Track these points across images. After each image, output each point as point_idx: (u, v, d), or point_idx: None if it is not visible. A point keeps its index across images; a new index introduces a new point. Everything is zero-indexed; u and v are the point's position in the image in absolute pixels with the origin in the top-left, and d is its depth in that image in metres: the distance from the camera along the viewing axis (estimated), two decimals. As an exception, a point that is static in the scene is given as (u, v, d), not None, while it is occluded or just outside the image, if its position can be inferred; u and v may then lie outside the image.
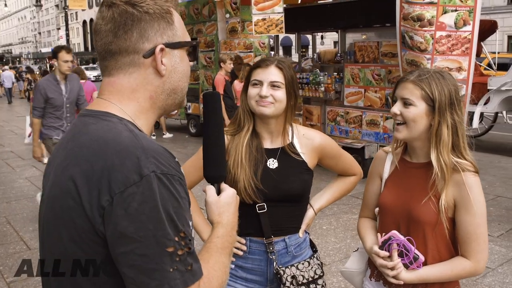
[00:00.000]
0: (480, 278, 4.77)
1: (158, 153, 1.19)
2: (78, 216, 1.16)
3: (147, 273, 1.11)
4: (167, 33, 1.33)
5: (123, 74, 1.32)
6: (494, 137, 12.52)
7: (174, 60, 1.35)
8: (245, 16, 11.05)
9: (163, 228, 1.12)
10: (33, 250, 5.71)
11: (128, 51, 1.30)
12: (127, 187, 1.12)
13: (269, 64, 2.27)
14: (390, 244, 2.06)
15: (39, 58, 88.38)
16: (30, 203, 7.60)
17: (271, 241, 2.30)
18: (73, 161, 1.21)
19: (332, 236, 5.92)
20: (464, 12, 6.47)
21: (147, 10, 1.29)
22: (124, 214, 1.11)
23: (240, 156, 2.26)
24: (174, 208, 1.15)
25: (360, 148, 8.33)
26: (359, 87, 8.65)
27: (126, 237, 1.11)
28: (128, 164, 1.14)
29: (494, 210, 6.77)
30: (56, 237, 1.23)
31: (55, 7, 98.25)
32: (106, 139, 1.20)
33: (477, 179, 2.04)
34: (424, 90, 2.02)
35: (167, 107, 1.40)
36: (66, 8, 32.53)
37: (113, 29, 1.29)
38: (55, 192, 1.24)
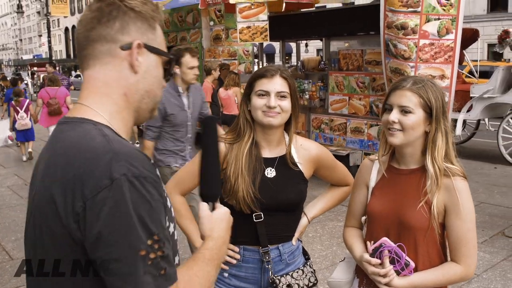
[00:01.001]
0: (465, 284, 4.80)
1: (130, 156, 1.19)
2: (55, 225, 1.17)
3: (122, 277, 1.12)
4: (148, 35, 1.36)
5: (99, 64, 1.34)
6: (477, 144, 12.64)
7: (149, 62, 1.37)
8: (229, 24, 11.04)
9: (134, 232, 1.12)
10: (16, 260, 5.63)
11: (107, 39, 1.32)
12: (99, 192, 1.12)
13: (274, 74, 2.26)
14: (381, 252, 2.05)
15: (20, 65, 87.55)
16: (12, 212, 7.50)
17: (267, 250, 2.29)
18: (50, 170, 1.22)
19: (318, 244, 5.92)
20: (447, 21, 6.54)
21: (133, 8, 1.33)
22: (97, 218, 1.11)
23: (241, 165, 2.25)
24: (146, 211, 1.15)
25: (344, 155, 8.35)
26: (343, 94, 8.70)
27: (100, 241, 1.12)
28: (99, 170, 1.14)
29: (477, 217, 6.74)
30: (43, 243, 1.24)
31: (37, 13, 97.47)
32: (79, 146, 1.21)
33: (466, 184, 2.07)
34: (423, 98, 2.04)
35: (140, 111, 1.40)
36: (48, 15, 32.31)
37: (98, 17, 1.32)
38: (35, 205, 1.25)
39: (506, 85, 10.37)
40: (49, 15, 32.25)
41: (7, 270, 5.41)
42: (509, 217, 6.85)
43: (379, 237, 2.14)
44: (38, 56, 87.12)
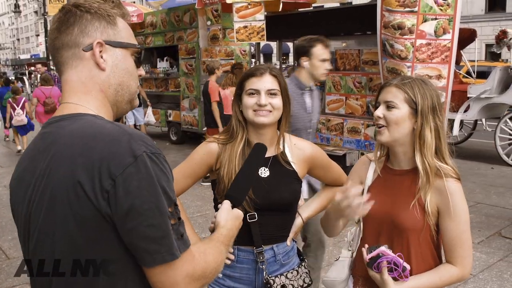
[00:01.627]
0: (461, 285, 4.79)
1: (142, 137, 1.33)
2: (82, 208, 1.26)
3: (156, 241, 1.26)
4: (108, 32, 1.45)
5: (70, 68, 1.44)
6: (474, 145, 12.65)
7: (115, 57, 1.47)
8: (226, 24, 11.03)
9: (161, 200, 1.27)
10: (12, 260, 5.63)
11: (70, 45, 1.43)
12: (125, 169, 1.24)
13: (264, 72, 2.27)
14: (379, 262, 2.01)
15: (18, 64, 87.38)
16: (9, 211, 7.33)
17: (261, 251, 2.28)
18: (67, 160, 1.30)
19: (314, 244, 5.90)
20: (443, 21, 6.54)
21: (88, 10, 1.43)
22: (127, 192, 1.23)
23: (234, 166, 2.25)
24: (166, 182, 1.30)
25: (341, 155, 8.35)
26: (340, 94, 8.69)
27: (133, 212, 1.24)
28: (121, 150, 1.26)
29: (474, 217, 6.82)
30: (58, 237, 1.31)
31: (34, 13, 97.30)
32: (93, 134, 1.31)
33: (459, 185, 2.06)
34: (407, 93, 2.05)
35: (118, 104, 1.51)
36: (45, 15, 32.16)
37: (58, 26, 1.44)
38: (52, 195, 1.31)
39: (503, 86, 10.37)
40: (46, 15, 32.10)
41: (3, 269, 5.40)
42: (505, 217, 6.85)
43: (372, 237, 2.14)
44: (36, 55, 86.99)
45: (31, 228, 1.39)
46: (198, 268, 1.35)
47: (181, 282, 1.30)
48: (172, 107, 13.39)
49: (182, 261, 1.30)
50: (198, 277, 1.35)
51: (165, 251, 1.27)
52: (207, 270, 1.39)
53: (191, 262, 1.33)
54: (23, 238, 1.46)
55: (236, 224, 1.68)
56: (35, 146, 1.43)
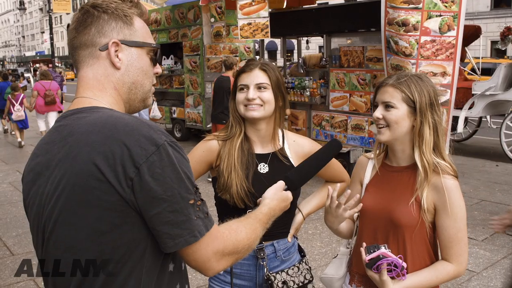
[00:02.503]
0: (465, 282, 4.78)
1: (159, 127, 1.39)
2: (105, 193, 1.30)
3: (179, 225, 1.33)
4: (124, 32, 1.50)
5: (86, 66, 1.50)
6: (479, 142, 12.62)
7: (131, 56, 1.52)
8: (230, 21, 11.04)
9: (184, 185, 1.34)
10: (16, 256, 5.65)
11: (87, 44, 1.48)
12: (148, 157, 1.30)
13: (253, 68, 2.29)
14: (379, 265, 1.99)
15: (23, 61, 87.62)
16: (14, 208, 7.51)
17: (262, 247, 2.29)
18: (86, 148, 1.33)
19: (317, 241, 5.91)
20: (448, 17, 6.51)
21: (105, 10, 1.48)
22: (151, 180, 1.29)
23: (233, 160, 2.27)
24: (187, 167, 1.38)
25: (345, 152, 8.34)
26: (344, 91, 8.67)
27: (156, 199, 1.30)
28: (143, 139, 1.31)
29: (478, 214, 6.80)
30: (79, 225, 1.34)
31: (39, 10, 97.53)
32: (113, 124, 1.35)
33: (456, 182, 2.06)
34: (404, 92, 2.05)
35: (131, 102, 1.56)
36: (50, 12, 32.24)
37: (76, 26, 1.50)
38: (71, 183, 1.34)
39: (508, 82, 10.33)
40: (51, 12, 32.18)
41: (7, 265, 5.42)
42: (510, 214, 6.81)
43: (369, 233, 2.15)
44: (41, 53, 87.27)
45: (45, 220, 1.41)
46: (229, 243, 1.44)
47: (212, 258, 1.39)
48: (177, 104, 13.40)
49: (211, 238, 1.39)
50: (229, 252, 1.44)
51: (188, 234, 1.34)
52: (238, 246, 1.47)
53: (220, 238, 1.42)
54: (34, 231, 1.48)
55: (281, 206, 1.78)
56: (50, 139, 1.46)
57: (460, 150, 11.43)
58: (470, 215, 6.74)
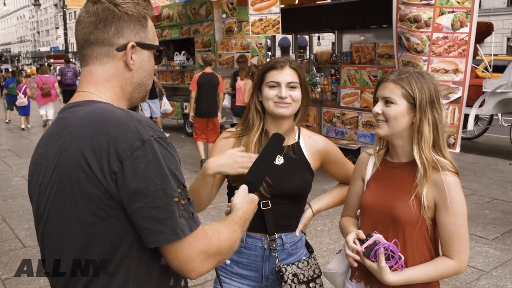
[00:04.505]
0: (474, 281, 4.75)
1: (150, 123, 1.40)
2: (90, 186, 1.32)
3: (161, 222, 1.32)
4: (140, 34, 1.53)
5: (98, 64, 1.51)
6: (492, 140, 12.51)
7: (142, 58, 1.55)
8: (241, 17, 11.03)
9: (168, 182, 1.33)
10: (28, 248, 5.72)
11: (104, 42, 1.49)
12: (133, 152, 1.30)
13: (284, 66, 2.34)
14: (376, 250, 2.01)
15: (38, 57, 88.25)
16: (26, 201, 7.57)
17: (274, 238, 2.32)
18: (76, 141, 1.36)
19: (326, 237, 5.90)
20: (461, 14, 6.44)
21: (126, 11, 1.49)
22: (134, 174, 1.30)
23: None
24: (174, 164, 1.37)
25: (356, 149, 8.30)
26: (355, 88, 8.63)
27: (138, 194, 1.30)
28: (130, 134, 1.32)
29: (489, 213, 6.75)
30: (67, 215, 1.37)
31: (54, 6, 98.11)
32: (103, 117, 1.37)
33: (456, 179, 2.06)
34: (405, 88, 2.05)
35: (133, 100, 1.60)
36: (65, 8, 32.50)
37: (95, 22, 1.48)
38: (61, 174, 1.38)
39: (519, 80, 10.20)
40: (65, 8, 32.45)
41: (19, 257, 5.48)
42: (521, 214, 6.76)
43: (369, 229, 2.14)
44: (55, 48, 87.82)
45: (42, 209, 1.46)
46: (213, 244, 1.42)
47: (196, 258, 1.38)
48: (188, 99, 13.40)
49: (195, 238, 1.37)
50: (213, 253, 1.42)
51: (169, 231, 1.32)
52: (221, 247, 1.45)
53: (204, 239, 1.40)
54: (35, 220, 1.53)
55: (251, 207, 1.77)
56: (51, 131, 1.49)
57: (472, 148, 11.33)
58: (481, 214, 6.69)
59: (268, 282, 2.36)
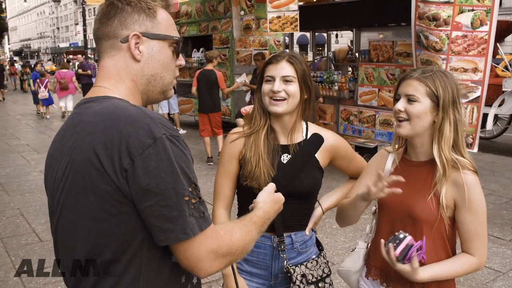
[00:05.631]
0: (490, 282, 4.71)
1: (163, 120, 1.38)
2: (102, 182, 1.32)
3: (171, 220, 1.31)
4: (146, 24, 1.52)
5: (107, 57, 1.54)
6: (510, 140, 12.35)
7: (151, 49, 1.54)
8: (260, 14, 11.02)
9: (179, 181, 1.32)
10: (45, 242, 5.78)
11: (109, 36, 1.52)
12: (144, 150, 1.30)
13: (280, 60, 2.29)
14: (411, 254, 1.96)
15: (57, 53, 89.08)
16: (43, 196, 7.66)
17: (282, 239, 2.31)
18: (89, 137, 1.37)
19: (341, 236, 5.89)
20: (481, 12, 6.38)
21: (129, 3, 1.51)
22: (145, 172, 1.29)
23: (260, 150, 2.28)
24: (185, 163, 1.36)
25: (373, 148, 8.27)
26: (373, 86, 8.59)
27: (149, 192, 1.30)
28: (141, 131, 1.32)
29: (507, 214, 6.68)
30: (80, 211, 1.38)
31: (73, 2, 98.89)
32: (116, 114, 1.37)
33: (476, 178, 2.06)
34: (429, 87, 2.03)
35: (149, 93, 1.59)
36: (84, 4, 32.73)
37: (100, 18, 1.54)
38: (74, 170, 1.39)
39: (540, 80, 10.08)
40: (85, 4, 32.69)
41: (35, 251, 5.54)
42: (540, 214, 6.68)
43: (387, 227, 2.14)
44: (74, 44, 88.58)
45: (55, 204, 1.47)
46: (223, 245, 1.41)
47: (205, 258, 1.36)
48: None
49: (205, 237, 1.36)
50: (223, 253, 1.41)
51: (179, 230, 1.32)
52: (233, 247, 1.44)
53: (215, 238, 1.39)
54: (50, 214, 1.55)
55: (274, 208, 1.74)
56: (66, 126, 1.51)
57: (491, 148, 11.22)
58: (498, 214, 6.63)
59: (278, 280, 2.36)
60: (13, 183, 8.59)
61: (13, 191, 8.08)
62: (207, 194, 7.70)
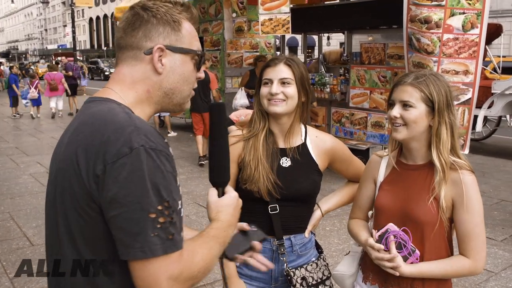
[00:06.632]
0: (483, 283, 4.75)
1: (148, 131, 1.33)
2: (77, 185, 1.32)
3: (132, 235, 1.25)
4: (171, 37, 1.50)
5: (127, 66, 1.51)
6: (499, 141, 12.47)
7: (174, 62, 1.52)
8: (251, 16, 11.03)
9: (147, 196, 1.26)
10: (36, 246, 5.73)
11: (133, 46, 1.50)
12: (119, 158, 1.26)
13: (278, 63, 2.30)
14: (387, 238, 2.05)
15: (45, 54, 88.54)
16: (34, 199, 7.62)
17: (282, 243, 2.31)
18: (76, 137, 1.38)
19: (335, 238, 5.91)
20: (472, 15, 6.43)
21: (155, 15, 1.49)
22: (115, 181, 1.26)
23: (259, 153, 2.29)
24: (160, 179, 1.29)
25: (364, 149, 8.32)
26: (364, 88, 8.64)
27: (115, 202, 1.26)
28: (122, 139, 1.28)
29: (498, 214, 6.74)
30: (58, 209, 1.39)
31: (62, 4, 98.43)
32: (105, 119, 1.36)
33: (473, 178, 2.07)
34: (424, 92, 2.04)
35: (164, 105, 1.56)
36: (73, 5, 32.54)
37: (124, 27, 1.51)
38: (62, 167, 1.40)
39: (529, 82, 10.17)
40: (73, 6, 32.50)
41: (27, 255, 5.49)
42: (530, 215, 6.74)
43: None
44: (63, 46, 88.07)
45: (47, 197, 1.49)
46: (185, 269, 1.32)
47: (163, 283, 1.27)
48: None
49: (168, 261, 1.28)
50: (185, 279, 1.32)
51: (138, 248, 1.25)
52: (195, 271, 1.35)
53: (178, 262, 1.30)
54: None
55: (229, 212, 1.57)
56: (71, 121, 1.52)
57: (480, 149, 11.31)
58: (489, 215, 6.68)
59: (278, 283, 2.36)
60: (3, 186, 8.51)
61: (2, 194, 8.01)
62: (199, 197, 7.70)
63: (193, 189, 8.11)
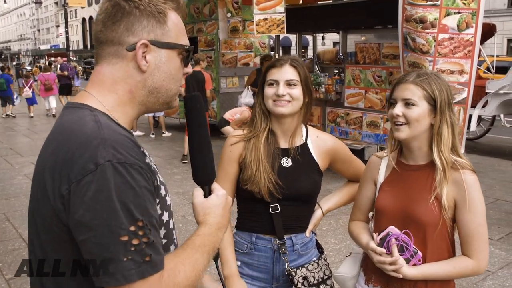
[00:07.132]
0: (480, 282, 4.76)
1: (118, 143, 1.20)
2: (44, 206, 1.21)
3: (103, 262, 1.13)
4: (156, 31, 1.35)
5: (107, 64, 1.36)
6: (494, 140, 12.52)
7: (159, 59, 1.37)
8: (246, 16, 11.03)
9: (116, 217, 1.12)
10: (32, 248, 5.69)
11: (114, 41, 1.34)
12: (84, 176, 1.14)
13: (283, 63, 2.29)
14: (388, 241, 2.04)
15: (38, 55, 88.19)
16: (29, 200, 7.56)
17: (283, 242, 2.30)
18: (45, 153, 1.28)
19: (331, 237, 5.91)
20: (467, 15, 6.45)
21: (138, 6, 1.33)
22: (81, 202, 1.13)
23: (260, 154, 2.28)
24: (131, 197, 1.15)
25: (360, 149, 8.32)
26: (360, 88, 8.65)
27: (82, 225, 1.13)
28: (86, 155, 1.16)
29: (493, 214, 6.76)
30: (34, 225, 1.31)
31: (55, 4, 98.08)
32: (71, 131, 1.24)
33: (475, 177, 2.06)
34: (426, 90, 2.04)
35: (149, 105, 1.42)
36: (66, 6, 32.41)
37: (104, 19, 1.35)
38: (34, 184, 1.30)
39: (522, 82, 10.21)
40: (66, 6, 32.38)
41: (23, 256, 5.46)
42: (526, 214, 6.77)
43: None
44: (56, 46, 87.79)
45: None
46: None
47: None
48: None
49: (145, 286, 1.15)
50: None
51: (111, 275, 1.13)
52: None
53: (157, 285, 1.17)
54: None
55: (218, 213, 1.45)
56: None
57: (474, 148, 11.35)
58: (485, 214, 6.69)
59: (279, 283, 2.35)
60: (-2, 187, 8.47)
61: (-3, 195, 7.96)
62: (187, 194, 7.70)
63: (188, 189, 8.10)
